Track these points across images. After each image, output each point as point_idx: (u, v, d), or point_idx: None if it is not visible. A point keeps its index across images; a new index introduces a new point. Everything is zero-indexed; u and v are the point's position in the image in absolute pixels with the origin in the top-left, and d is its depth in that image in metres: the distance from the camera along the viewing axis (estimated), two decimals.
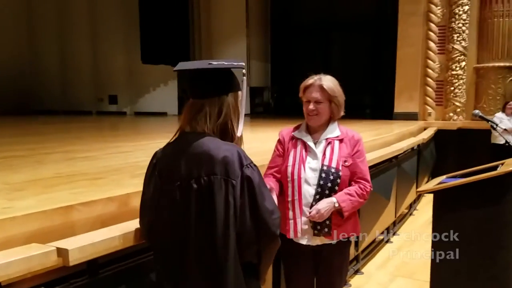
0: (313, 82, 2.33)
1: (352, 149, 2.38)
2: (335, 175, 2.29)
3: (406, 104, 9.57)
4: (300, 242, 2.32)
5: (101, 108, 14.21)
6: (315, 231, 2.31)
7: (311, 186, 2.29)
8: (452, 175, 3.35)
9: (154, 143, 5.16)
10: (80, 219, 2.01)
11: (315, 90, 2.31)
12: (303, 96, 2.37)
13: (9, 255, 1.62)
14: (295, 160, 2.31)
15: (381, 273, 4.44)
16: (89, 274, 1.85)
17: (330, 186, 2.28)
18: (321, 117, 2.34)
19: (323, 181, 2.28)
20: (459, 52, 9.13)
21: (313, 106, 2.31)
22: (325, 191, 2.28)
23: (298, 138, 2.38)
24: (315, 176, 2.29)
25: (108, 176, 2.77)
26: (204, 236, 1.66)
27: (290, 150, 2.36)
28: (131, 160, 3.53)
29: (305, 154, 2.33)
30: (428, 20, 9.32)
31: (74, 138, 5.78)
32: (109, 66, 13.78)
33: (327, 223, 2.30)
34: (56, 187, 2.40)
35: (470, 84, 9.28)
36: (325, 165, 2.29)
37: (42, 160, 3.46)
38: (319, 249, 2.36)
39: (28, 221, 1.84)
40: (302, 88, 2.37)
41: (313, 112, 2.31)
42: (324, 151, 2.33)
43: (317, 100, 2.31)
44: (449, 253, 2.92)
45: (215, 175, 1.64)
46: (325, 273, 2.44)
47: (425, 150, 7.23)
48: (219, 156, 1.65)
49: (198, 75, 1.78)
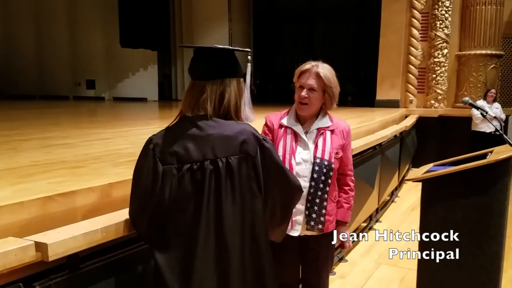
0: (309, 68, 2.21)
1: (343, 140, 2.31)
2: (328, 168, 2.21)
3: (388, 92, 9.58)
4: (290, 234, 2.25)
5: (79, 93, 13.93)
6: (308, 226, 2.24)
7: (301, 178, 2.19)
8: (440, 163, 3.32)
9: (135, 129, 5.04)
10: (59, 211, 1.90)
11: (311, 77, 2.20)
12: (297, 81, 2.26)
13: None
14: (285, 151, 2.21)
15: (365, 260, 4.44)
16: (70, 268, 1.75)
17: (324, 179, 2.21)
18: (312, 107, 2.23)
19: (316, 174, 2.20)
20: (442, 39, 9.15)
21: (306, 93, 2.20)
22: (319, 184, 2.20)
23: (288, 126, 2.28)
24: (306, 167, 2.21)
25: (88, 164, 2.65)
26: (225, 218, 1.61)
27: (280, 139, 2.25)
28: (112, 147, 3.41)
29: (295, 145, 2.24)
30: (412, 7, 9.30)
31: (51, 124, 5.59)
32: (87, 50, 13.47)
33: (321, 220, 2.24)
34: (33, 176, 2.28)
35: (451, 72, 9.32)
36: (318, 157, 2.21)
37: (18, 147, 3.31)
38: (305, 238, 2.29)
39: (4, 213, 1.72)
40: (297, 73, 2.26)
41: (305, 100, 2.20)
42: (316, 142, 2.24)
43: (311, 87, 2.19)
44: (437, 242, 2.91)
45: (233, 156, 1.62)
46: (312, 262, 2.38)
47: (407, 137, 7.25)
48: (233, 136, 1.63)
49: (200, 55, 1.71)
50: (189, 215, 1.60)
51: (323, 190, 2.22)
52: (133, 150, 3.26)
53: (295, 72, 2.30)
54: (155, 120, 7.51)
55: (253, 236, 1.66)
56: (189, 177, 1.60)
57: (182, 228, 1.62)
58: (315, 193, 2.21)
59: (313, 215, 2.23)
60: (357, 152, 4.27)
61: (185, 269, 1.61)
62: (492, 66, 8.92)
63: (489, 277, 2.78)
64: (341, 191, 2.36)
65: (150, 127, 5.51)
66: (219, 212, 1.60)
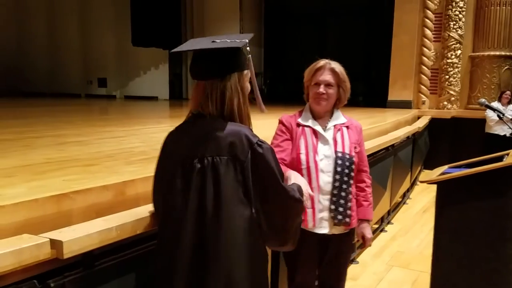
0: (324, 65, 2.25)
1: (358, 136, 2.36)
2: (350, 161, 2.24)
3: (400, 92, 9.51)
4: (316, 232, 2.25)
5: (90, 91, 14.00)
6: (335, 221, 2.24)
7: (325, 173, 2.22)
8: (455, 165, 3.28)
9: (147, 128, 5.04)
10: (74, 209, 1.89)
11: (327, 73, 2.24)
12: (311, 79, 2.27)
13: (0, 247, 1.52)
14: (307, 148, 2.22)
15: (376, 262, 4.40)
16: (84, 266, 1.74)
17: (347, 172, 2.23)
18: (330, 102, 2.28)
19: (340, 168, 2.21)
20: (455, 40, 9.07)
21: (323, 89, 2.23)
22: (343, 177, 2.22)
23: (305, 125, 2.29)
24: (329, 163, 2.22)
25: (102, 162, 2.65)
26: (206, 217, 1.58)
27: (299, 137, 2.26)
28: (125, 146, 3.40)
29: (316, 141, 2.25)
30: (425, 7, 9.23)
31: (63, 121, 5.62)
32: (99, 48, 13.54)
33: (348, 213, 2.25)
34: (47, 173, 2.28)
35: (465, 73, 9.23)
36: (339, 152, 2.23)
37: (31, 144, 3.32)
38: (326, 237, 2.28)
39: (19, 210, 1.72)
40: (312, 71, 2.27)
41: (323, 96, 2.22)
42: (334, 138, 2.27)
43: (328, 83, 2.23)
44: (451, 245, 2.87)
45: (221, 156, 1.59)
46: (333, 261, 2.36)
47: (419, 139, 7.19)
48: (224, 136, 1.60)
49: (196, 55, 1.70)
50: (177, 210, 1.63)
51: (348, 183, 2.24)
52: (145, 149, 3.26)
53: (306, 71, 2.30)
54: (166, 119, 7.52)
55: (233, 241, 1.60)
56: (180, 173, 1.63)
57: (171, 222, 1.66)
58: (340, 187, 2.22)
59: (339, 208, 2.23)
60: (370, 153, 4.24)
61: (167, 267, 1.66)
62: (506, 67, 8.82)
63: (503, 280, 2.74)
64: (357, 189, 2.36)
65: (161, 126, 5.51)
66: (201, 211, 1.59)
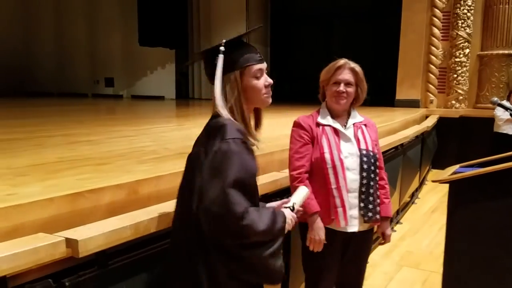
0: (344, 64, 2.26)
1: (375, 134, 2.38)
2: (374, 158, 2.26)
3: (408, 91, 9.47)
4: (348, 231, 2.25)
5: (97, 91, 14.04)
6: (365, 218, 2.24)
7: (351, 171, 2.21)
8: (466, 164, 3.25)
9: (156, 127, 5.06)
10: (88, 207, 1.90)
11: (347, 72, 2.25)
12: (330, 78, 2.26)
13: (14, 246, 1.52)
14: (330, 147, 2.22)
15: (386, 262, 4.38)
16: (98, 265, 1.75)
17: (373, 169, 2.25)
18: (348, 101, 2.29)
19: (366, 165, 2.22)
20: (463, 38, 9.01)
21: (343, 87, 2.22)
22: (370, 175, 2.23)
23: (325, 124, 2.28)
24: (354, 160, 2.22)
25: (114, 161, 2.65)
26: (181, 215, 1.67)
27: (320, 136, 2.25)
28: (136, 145, 3.41)
29: (338, 140, 2.25)
30: (433, 6, 9.17)
31: (73, 121, 5.64)
32: (106, 48, 13.57)
33: (377, 210, 2.27)
34: (60, 172, 2.28)
35: (473, 72, 9.17)
36: (363, 149, 2.25)
37: (43, 144, 3.34)
38: (349, 235, 2.27)
39: (34, 209, 1.73)
40: (331, 69, 2.27)
41: (343, 95, 2.22)
42: (356, 135, 2.28)
43: (348, 81, 2.25)
44: (463, 244, 2.85)
45: (199, 149, 1.62)
46: (354, 259, 2.35)
47: (428, 138, 7.15)
48: (207, 131, 1.63)
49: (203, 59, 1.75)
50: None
51: (375, 180, 2.26)
52: (156, 148, 3.26)
53: (324, 71, 2.30)
54: (173, 118, 7.54)
55: (174, 234, 1.72)
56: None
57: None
58: (368, 184, 2.22)
59: (369, 206, 2.24)
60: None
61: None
62: None
63: None
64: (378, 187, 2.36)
65: (170, 125, 5.53)
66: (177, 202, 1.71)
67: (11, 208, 1.65)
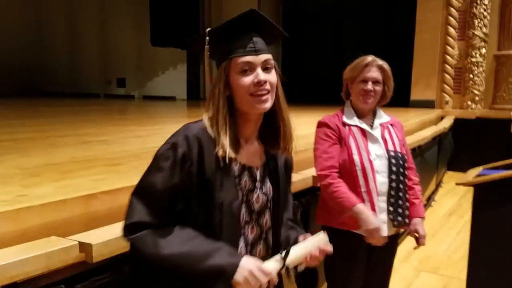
0: (372, 61, 2.17)
1: (402, 134, 2.29)
2: (403, 160, 2.17)
3: (422, 92, 9.31)
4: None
5: (109, 91, 14.04)
6: (394, 222, 2.15)
7: (380, 173, 2.12)
8: (490, 166, 3.15)
9: (168, 128, 4.99)
10: (103, 209, 1.83)
11: (375, 69, 2.17)
12: (357, 75, 2.16)
13: (26, 251, 1.45)
14: (359, 148, 2.12)
15: (404, 267, 4.26)
16: (112, 270, 1.67)
17: (402, 171, 2.15)
18: (376, 100, 2.20)
19: (395, 167, 2.13)
20: (480, 38, 8.83)
21: (371, 86, 2.13)
22: (399, 177, 2.14)
23: (352, 124, 2.18)
24: (382, 163, 2.13)
25: (128, 162, 2.58)
26: None
27: (347, 137, 2.15)
28: (149, 145, 3.34)
29: (365, 141, 2.16)
30: (448, 5, 9.01)
31: (85, 121, 5.61)
32: (118, 48, 13.58)
33: (406, 213, 2.17)
34: (73, 173, 2.22)
35: (489, 72, 8.99)
36: (391, 150, 2.15)
37: (55, 143, 3.29)
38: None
39: (47, 211, 1.67)
40: (358, 67, 2.18)
41: (370, 93, 2.13)
42: (383, 136, 2.19)
43: (376, 80, 2.16)
44: (489, 250, 2.75)
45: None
46: (380, 265, 2.26)
47: (445, 139, 7.01)
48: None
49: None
50: None
51: (404, 183, 2.17)
52: None
53: (350, 68, 2.21)
54: (185, 118, 7.47)
55: None
56: None
57: None
58: (397, 187, 2.13)
59: (399, 210, 2.15)
60: None
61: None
62: None
63: None
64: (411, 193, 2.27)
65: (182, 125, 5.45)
66: None
67: (23, 210, 1.59)
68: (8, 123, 5.11)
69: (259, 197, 1.37)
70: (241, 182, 1.33)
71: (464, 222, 5.58)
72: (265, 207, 1.39)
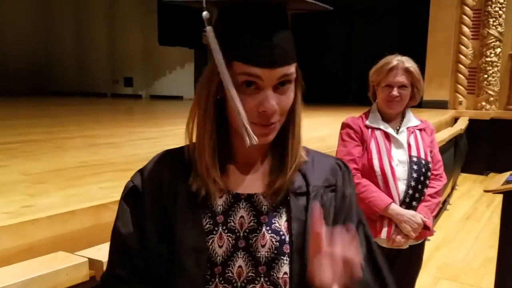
0: (397, 64, 2.02)
1: (430, 138, 2.13)
2: (426, 167, 2.02)
3: (435, 92, 9.12)
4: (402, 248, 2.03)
5: (116, 91, 13.97)
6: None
7: (401, 181, 1.99)
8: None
9: (177, 129, 4.85)
10: (113, 221, 1.69)
11: (400, 73, 2.01)
12: (382, 79, 2.03)
13: (32, 269, 1.32)
14: (380, 153, 1.99)
15: (423, 274, 4.07)
16: None
17: (423, 180, 2.00)
18: (403, 104, 2.06)
19: (416, 174, 1.98)
20: (495, 37, 8.64)
21: (397, 91, 1.99)
22: (418, 185, 1.99)
23: (376, 127, 2.04)
24: (404, 169, 2.00)
25: (137, 167, 2.43)
26: None
27: (369, 140, 2.02)
28: (160, 148, 3.18)
29: (388, 145, 2.01)
30: (462, 3, 8.82)
31: (92, 121, 5.49)
32: (125, 48, 13.51)
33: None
34: (82, 179, 2.09)
35: (504, 72, 8.80)
36: (414, 156, 2.01)
37: (62, 146, 3.17)
38: (395, 251, 2.04)
39: (54, 223, 1.54)
40: (382, 71, 2.03)
41: (396, 99, 1.99)
42: (408, 141, 2.04)
43: (402, 84, 2.00)
44: None
45: None
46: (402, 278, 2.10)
47: (460, 141, 6.84)
48: None
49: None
50: None
51: (421, 192, 2.02)
52: None
53: (374, 71, 2.07)
54: None
55: None
56: None
57: None
58: (413, 195, 2.00)
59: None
60: None
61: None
62: None
63: None
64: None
65: None
66: None
67: (28, 223, 1.46)
68: (17, 124, 5.02)
69: (265, 238, 0.92)
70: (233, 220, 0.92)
71: (482, 227, 5.42)
72: (279, 253, 0.92)
